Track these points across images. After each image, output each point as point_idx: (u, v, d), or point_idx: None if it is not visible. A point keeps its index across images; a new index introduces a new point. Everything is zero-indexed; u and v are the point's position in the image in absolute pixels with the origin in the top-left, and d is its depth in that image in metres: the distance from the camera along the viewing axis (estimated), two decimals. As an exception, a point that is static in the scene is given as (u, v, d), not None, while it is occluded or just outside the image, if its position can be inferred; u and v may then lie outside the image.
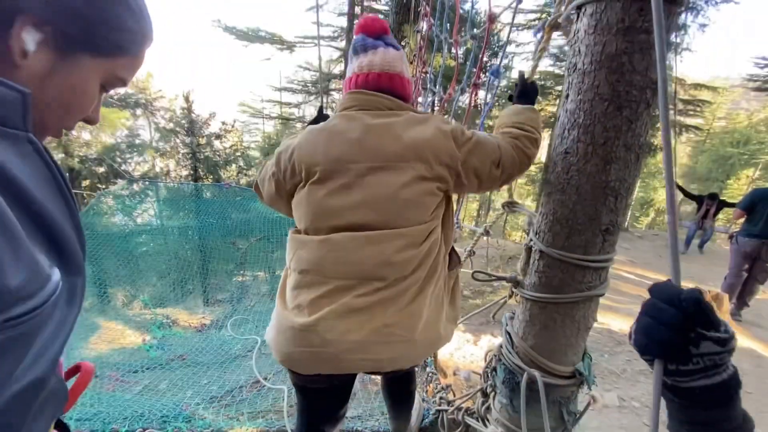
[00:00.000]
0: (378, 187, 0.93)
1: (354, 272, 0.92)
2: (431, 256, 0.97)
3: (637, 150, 0.86)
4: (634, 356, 2.58)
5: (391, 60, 1.01)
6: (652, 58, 0.79)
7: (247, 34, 11.04)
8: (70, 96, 0.44)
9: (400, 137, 0.94)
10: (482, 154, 0.98)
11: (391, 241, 0.92)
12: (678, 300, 0.46)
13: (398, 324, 0.92)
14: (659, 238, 7.90)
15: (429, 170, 0.94)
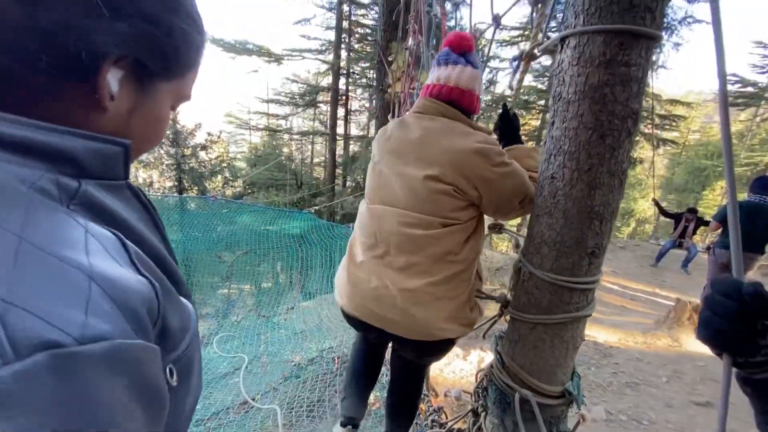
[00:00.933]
0: (405, 177, 1.13)
1: (378, 236, 1.15)
2: (441, 245, 1.10)
3: (620, 176, 0.89)
4: (620, 369, 2.62)
5: (467, 77, 1.15)
6: (633, 90, 0.83)
7: (235, 46, 11.04)
8: (154, 127, 0.43)
9: (439, 142, 1.10)
10: (513, 184, 1.09)
11: (395, 216, 1.13)
12: (737, 292, 0.46)
13: (391, 291, 1.11)
14: (641, 248, 8.08)
15: (444, 175, 1.08)
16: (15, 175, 0.27)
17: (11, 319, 0.21)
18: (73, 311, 0.23)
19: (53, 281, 0.23)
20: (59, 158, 0.31)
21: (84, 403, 0.22)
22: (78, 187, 0.31)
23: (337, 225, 5.32)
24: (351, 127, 14.31)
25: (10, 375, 0.19)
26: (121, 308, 0.26)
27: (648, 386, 2.40)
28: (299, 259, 5.19)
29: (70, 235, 0.27)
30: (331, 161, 12.21)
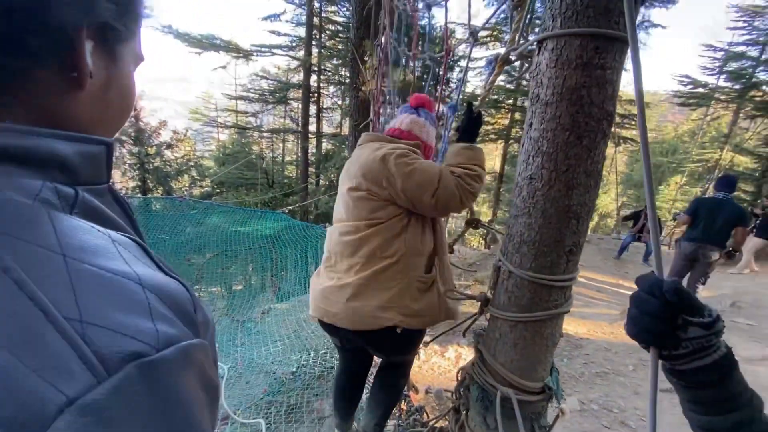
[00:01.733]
0: (341, 195, 1.35)
1: (329, 249, 1.36)
2: (369, 244, 1.26)
3: (595, 176, 0.92)
4: (591, 359, 2.73)
5: (408, 122, 1.39)
6: (608, 92, 0.85)
7: (201, 41, 10.63)
8: (127, 97, 0.39)
9: (359, 160, 1.30)
10: (414, 181, 1.22)
11: (337, 229, 1.33)
12: (659, 290, 0.50)
13: (332, 289, 1.29)
14: (604, 242, 8.47)
15: (360, 184, 1.28)
16: (17, 187, 0.25)
17: (93, 338, 0.21)
18: (142, 320, 0.23)
19: (114, 294, 0.24)
20: (53, 165, 0.29)
21: (173, 405, 0.23)
22: (75, 195, 0.29)
23: (312, 225, 5.24)
24: (323, 124, 14.13)
25: (108, 392, 0.20)
26: (175, 311, 0.26)
27: (617, 375, 2.51)
28: (272, 260, 5.08)
29: (101, 243, 0.26)
30: (303, 159, 12.02)
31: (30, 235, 0.23)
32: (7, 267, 0.21)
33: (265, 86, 13.96)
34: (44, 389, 0.19)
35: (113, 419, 0.20)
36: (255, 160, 14.12)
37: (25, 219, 0.24)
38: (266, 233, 5.30)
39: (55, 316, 0.21)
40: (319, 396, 2.12)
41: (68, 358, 0.20)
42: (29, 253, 0.22)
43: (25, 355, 0.19)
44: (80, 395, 0.19)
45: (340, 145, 12.70)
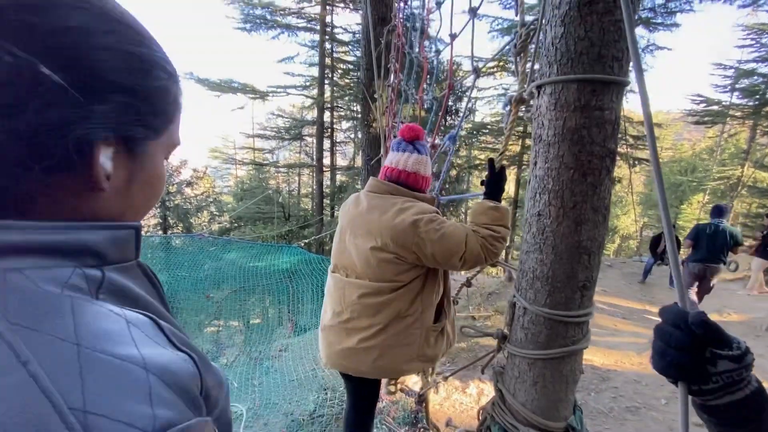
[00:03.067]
0: (358, 247, 1.35)
1: (343, 305, 1.38)
2: (392, 308, 1.32)
3: (603, 211, 0.93)
4: (619, 392, 2.60)
5: (412, 162, 1.40)
6: (608, 131, 0.88)
7: (220, 84, 11.24)
8: (154, 186, 0.42)
9: (381, 218, 1.31)
10: (443, 247, 1.27)
11: (362, 290, 1.34)
12: (684, 322, 0.48)
13: (357, 350, 1.34)
14: (627, 266, 8.20)
15: (387, 245, 1.29)
16: (48, 279, 0.28)
17: (92, 427, 0.23)
18: (142, 406, 0.25)
19: (117, 381, 0.26)
20: (84, 253, 0.32)
21: None
22: (102, 277, 0.32)
23: (326, 259, 5.28)
24: (337, 158, 14.48)
25: None
26: (177, 392, 0.28)
27: (648, 410, 2.38)
28: (289, 294, 5.10)
29: (115, 329, 0.29)
30: (318, 192, 12.26)
31: (51, 328, 0.26)
32: (26, 361, 0.24)
33: (281, 124, 14.52)
34: None
35: None
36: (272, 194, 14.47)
37: (48, 311, 0.27)
38: (282, 267, 5.35)
39: (61, 408, 0.23)
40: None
41: None
42: (47, 345, 0.25)
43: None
44: None
45: (353, 177, 12.94)
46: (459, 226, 1.31)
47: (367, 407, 1.63)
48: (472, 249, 1.28)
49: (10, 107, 0.28)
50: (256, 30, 11.08)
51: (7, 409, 0.22)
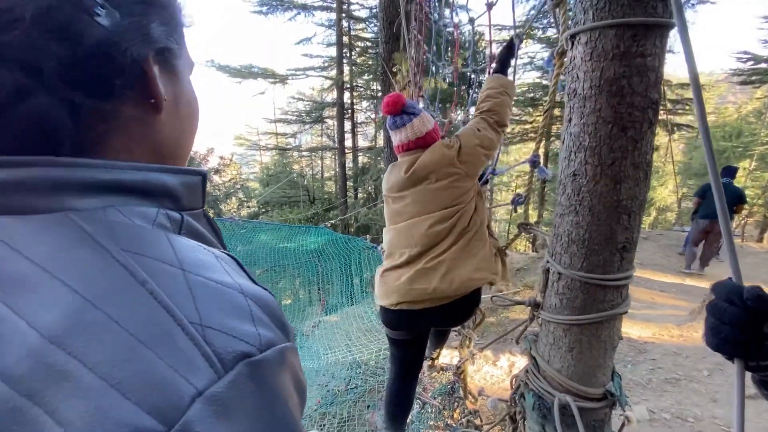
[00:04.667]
0: (415, 194, 1.53)
1: (412, 242, 1.52)
2: (458, 227, 1.48)
3: (644, 167, 0.87)
4: (658, 365, 2.53)
5: (417, 126, 1.53)
6: (650, 80, 0.82)
7: (241, 71, 11.31)
8: (193, 104, 0.41)
9: (426, 160, 1.50)
10: (468, 146, 1.50)
11: (428, 221, 1.49)
12: (739, 297, 0.47)
13: (426, 269, 1.46)
14: (664, 238, 7.84)
15: (441, 175, 1.49)
16: (139, 215, 0.30)
17: (211, 339, 0.24)
18: (247, 325, 0.27)
19: (223, 302, 0.27)
20: (163, 195, 0.33)
21: (275, 401, 0.26)
22: (182, 219, 0.34)
23: (354, 238, 5.32)
24: (358, 139, 14.42)
25: (226, 386, 0.23)
26: (270, 317, 0.29)
27: (689, 381, 2.29)
28: (318, 273, 5.20)
29: (208, 260, 0.30)
30: (341, 174, 12.30)
31: (155, 254, 0.27)
32: (144, 280, 0.25)
33: (301, 107, 14.52)
34: (179, 382, 0.22)
35: (231, 410, 0.23)
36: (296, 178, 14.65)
37: (150, 241, 0.28)
38: (311, 248, 5.45)
39: (182, 320, 0.24)
40: (371, 408, 2.13)
41: (194, 356, 0.24)
42: (157, 269, 0.26)
43: (163, 353, 0.23)
44: (206, 388, 0.23)
45: (375, 158, 12.87)
46: (466, 128, 1.56)
47: (412, 373, 1.72)
48: (483, 136, 1.50)
49: (60, 30, 0.27)
50: (273, 12, 10.98)
51: (135, 323, 0.23)
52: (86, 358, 0.22)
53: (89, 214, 0.28)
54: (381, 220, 10.52)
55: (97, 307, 0.23)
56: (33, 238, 0.26)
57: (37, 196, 0.27)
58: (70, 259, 0.25)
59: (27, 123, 0.28)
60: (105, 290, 0.24)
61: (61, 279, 0.24)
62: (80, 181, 0.29)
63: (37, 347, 0.22)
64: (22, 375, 0.21)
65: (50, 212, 0.27)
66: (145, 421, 0.21)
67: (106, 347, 0.22)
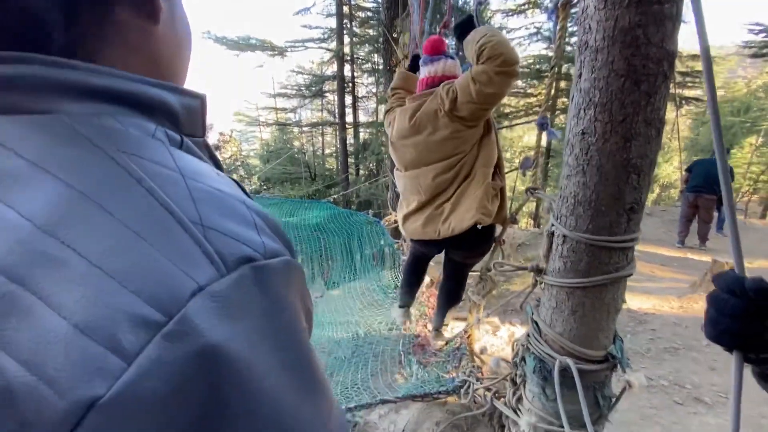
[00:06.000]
0: (417, 143, 1.66)
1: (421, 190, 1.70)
2: (461, 175, 1.62)
3: (657, 124, 0.84)
4: (657, 335, 2.56)
5: (449, 66, 1.68)
6: (667, 29, 0.77)
7: (238, 43, 10.99)
8: (187, 26, 0.39)
9: (428, 110, 1.61)
10: (463, 93, 1.52)
11: (434, 172, 1.64)
12: (741, 288, 0.46)
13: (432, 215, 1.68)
14: (668, 213, 7.82)
15: (441, 125, 1.59)
16: (136, 126, 0.28)
17: (212, 239, 0.23)
18: (251, 232, 0.26)
19: (226, 208, 0.26)
20: (161, 112, 0.31)
21: (280, 307, 0.25)
22: (182, 139, 0.32)
23: (356, 213, 5.31)
24: (359, 114, 14.19)
25: (229, 285, 0.22)
26: (275, 232, 0.28)
27: (688, 350, 2.33)
28: (320, 249, 5.23)
29: (209, 171, 0.29)
30: (342, 150, 12.17)
31: (153, 157, 0.26)
32: (140, 178, 0.24)
33: (301, 81, 14.20)
34: (179, 275, 0.21)
35: (234, 309, 0.22)
36: (297, 155, 14.52)
37: (147, 146, 0.27)
38: (313, 222, 5.45)
39: (181, 217, 0.23)
40: (373, 374, 2.17)
41: (195, 253, 0.22)
42: (155, 170, 0.25)
43: (161, 247, 0.22)
44: (207, 284, 0.22)
45: (377, 133, 12.71)
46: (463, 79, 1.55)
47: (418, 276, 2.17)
48: (476, 71, 1.47)
49: None
50: (270, -19, 10.56)
51: (131, 216, 0.22)
52: (80, 247, 0.21)
53: (82, 117, 0.26)
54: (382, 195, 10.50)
55: (90, 198, 0.22)
56: (23, 137, 0.24)
57: (25, 96, 0.25)
58: (62, 155, 0.24)
59: (18, 18, 0.26)
60: (99, 184, 0.23)
61: (53, 173, 0.23)
62: (73, 83, 0.27)
63: (29, 236, 0.21)
64: (15, 262, 0.20)
65: (40, 113, 0.25)
66: (143, 310, 0.20)
67: (100, 237, 0.21)
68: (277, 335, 0.25)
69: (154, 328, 0.20)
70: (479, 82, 1.46)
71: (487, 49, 1.45)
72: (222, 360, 0.21)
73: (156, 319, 0.20)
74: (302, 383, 0.26)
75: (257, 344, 0.23)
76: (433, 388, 1.73)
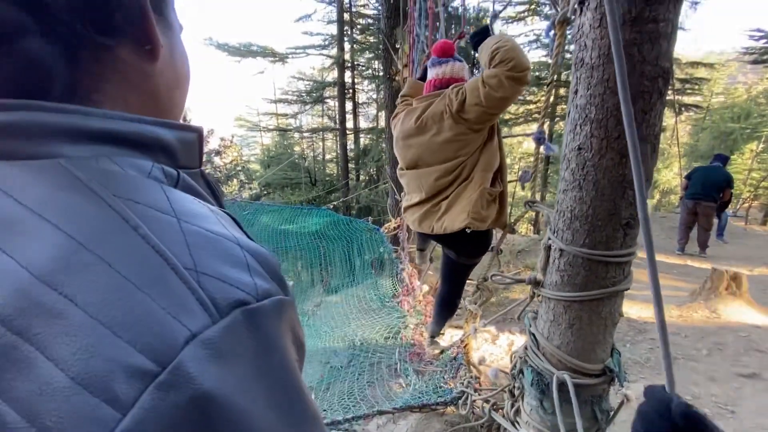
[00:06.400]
0: (422, 144, 1.70)
1: (422, 189, 1.77)
2: (458, 179, 1.67)
3: (652, 140, 0.85)
4: (657, 344, 2.54)
5: (457, 68, 1.71)
6: (662, 48, 0.78)
7: (240, 49, 11.08)
8: (185, 60, 0.40)
9: (434, 110, 1.65)
10: (472, 95, 1.54)
11: (434, 174, 1.70)
12: (667, 412, 0.46)
13: (429, 212, 1.77)
14: (668, 220, 7.82)
15: (446, 126, 1.62)
16: (133, 166, 0.29)
17: (206, 285, 0.24)
18: (244, 274, 0.26)
19: (219, 251, 0.27)
20: (158, 149, 0.32)
21: (272, 349, 0.26)
22: (178, 175, 0.32)
23: (355, 220, 5.31)
24: (360, 120, 14.24)
25: (221, 331, 0.23)
26: (268, 271, 0.29)
27: (688, 360, 2.32)
28: (320, 255, 5.22)
29: (204, 212, 0.30)
30: (342, 156, 12.21)
31: (149, 201, 0.27)
32: (136, 225, 0.25)
33: (302, 87, 14.29)
34: (173, 324, 0.22)
35: (226, 354, 0.23)
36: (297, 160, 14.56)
37: (143, 189, 0.28)
38: (313, 229, 5.45)
39: (175, 264, 0.24)
40: (371, 384, 2.16)
41: (188, 300, 0.23)
42: (150, 215, 0.26)
43: (156, 296, 0.22)
44: (200, 331, 0.22)
45: (377, 139, 12.74)
46: (473, 82, 1.57)
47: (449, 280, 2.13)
48: (488, 74, 1.49)
49: None
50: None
51: (127, 266, 0.23)
52: (77, 298, 0.21)
53: (80, 161, 0.27)
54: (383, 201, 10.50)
55: (88, 249, 0.23)
56: (23, 183, 0.25)
57: (25, 141, 0.26)
58: (61, 203, 0.25)
59: (21, 64, 0.27)
60: (96, 233, 0.24)
61: (52, 222, 0.24)
62: (70, 128, 0.28)
63: (28, 286, 0.21)
64: (13, 313, 0.21)
65: (39, 158, 0.26)
66: (138, 360, 0.21)
67: (98, 288, 0.22)
68: (269, 376, 0.25)
69: (148, 378, 0.20)
70: (489, 85, 1.48)
71: (500, 53, 1.47)
72: (214, 406, 0.21)
73: (150, 369, 0.20)
74: (294, 420, 0.26)
75: (249, 388, 0.23)
76: (432, 399, 1.72)
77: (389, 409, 1.66)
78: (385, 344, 2.58)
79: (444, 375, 1.98)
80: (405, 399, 1.80)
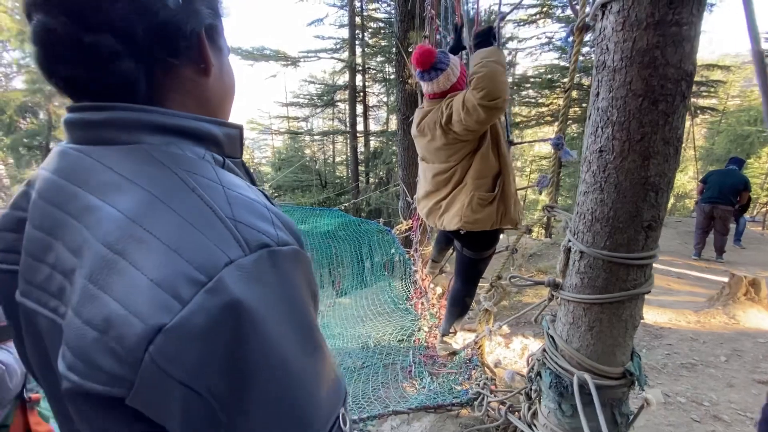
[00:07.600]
0: (423, 146, 1.94)
1: (427, 181, 1.99)
2: (453, 179, 1.86)
3: (675, 143, 0.85)
4: (674, 350, 2.50)
5: (443, 81, 1.77)
6: (685, 51, 0.78)
7: (252, 53, 11.22)
8: (232, 77, 0.50)
9: (427, 120, 1.84)
10: (456, 112, 1.66)
11: (433, 172, 1.91)
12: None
13: (433, 208, 1.98)
14: (683, 224, 7.68)
15: (438, 135, 1.78)
16: (191, 152, 0.40)
17: (240, 230, 0.34)
18: (269, 227, 0.36)
19: (252, 209, 0.36)
20: (210, 141, 0.42)
21: (289, 285, 0.35)
22: (224, 160, 0.43)
23: (366, 221, 5.33)
24: (370, 123, 14.29)
25: (252, 261, 0.32)
26: (288, 229, 0.38)
27: (706, 366, 2.27)
28: (331, 256, 5.25)
29: (242, 183, 0.40)
30: (353, 159, 12.26)
31: (203, 174, 0.37)
32: (194, 187, 0.35)
33: (313, 91, 14.40)
34: (218, 252, 0.32)
35: (254, 278, 0.32)
36: (308, 163, 14.66)
37: (199, 166, 0.38)
38: (324, 230, 5.48)
39: (220, 214, 0.34)
40: (384, 384, 2.17)
41: (228, 238, 0.33)
42: (204, 182, 0.36)
43: (207, 233, 0.33)
44: (236, 259, 0.32)
45: (387, 142, 12.77)
46: (458, 101, 1.66)
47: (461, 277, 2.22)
48: (467, 99, 1.60)
49: (144, 8, 0.37)
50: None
51: (188, 213, 0.33)
52: (155, 231, 0.32)
53: (156, 146, 0.38)
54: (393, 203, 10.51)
55: (163, 201, 0.33)
56: (119, 160, 0.36)
57: (120, 132, 0.38)
58: (144, 173, 0.35)
59: (117, 79, 0.38)
60: (167, 192, 0.34)
61: (139, 184, 0.34)
62: (150, 123, 0.38)
63: (124, 223, 0.32)
64: (114, 240, 0.32)
65: (129, 144, 0.38)
66: (194, 273, 0.30)
67: (169, 226, 0.32)
68: (286, 302, 0.34)
69: (200, 285, 0.30)
70: (466, 108, 1.61)
71: (475, 78, 1.58)
72: (243, 309, 0.30)
73: (202, 279, 0.30)
74: (305, 342, 0.36)
75: (270, 305, 0.32)
76: (447, 400, 1.72)
77: (404, 410, 1.67)
78: (398, 346, 2.59)
79: (458, 377, 1.98)
80: (419, 399, 1.81)
